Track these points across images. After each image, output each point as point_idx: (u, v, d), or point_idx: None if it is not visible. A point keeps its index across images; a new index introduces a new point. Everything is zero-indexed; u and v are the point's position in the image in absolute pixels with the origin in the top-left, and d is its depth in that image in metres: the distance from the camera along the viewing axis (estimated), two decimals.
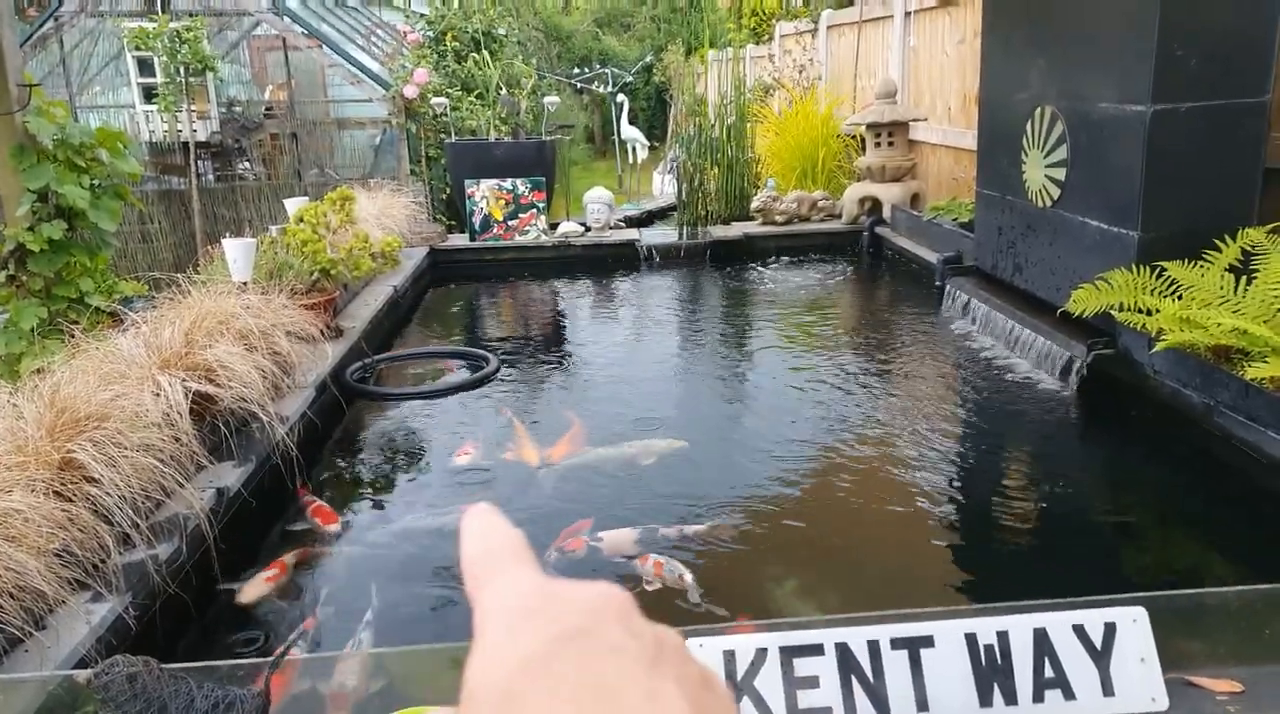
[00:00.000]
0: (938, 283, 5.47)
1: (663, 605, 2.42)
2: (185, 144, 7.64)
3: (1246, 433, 3.03)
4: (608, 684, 0.26)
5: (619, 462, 3.39)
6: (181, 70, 7.37)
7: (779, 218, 7.27)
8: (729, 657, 1.44)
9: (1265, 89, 3.59)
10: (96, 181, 3.96)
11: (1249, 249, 3.48)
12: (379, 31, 10.18)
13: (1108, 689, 1.43)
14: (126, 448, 2.41)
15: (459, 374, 4.56)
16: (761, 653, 1.45)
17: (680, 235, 7.18)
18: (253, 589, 2.54)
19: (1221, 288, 3.41)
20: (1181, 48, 3.52)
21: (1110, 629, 1.46)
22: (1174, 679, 1.47)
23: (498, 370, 4.47)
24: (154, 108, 7.58)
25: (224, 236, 4.04)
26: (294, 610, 2.53)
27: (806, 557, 2.81)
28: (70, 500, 2.24)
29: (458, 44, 8.62)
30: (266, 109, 8.39)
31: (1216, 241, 3.55)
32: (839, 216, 7.27)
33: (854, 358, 4.68)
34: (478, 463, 3.43)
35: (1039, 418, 3.83)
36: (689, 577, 2.52)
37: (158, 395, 2.70)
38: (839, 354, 4.75)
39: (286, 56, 8.14)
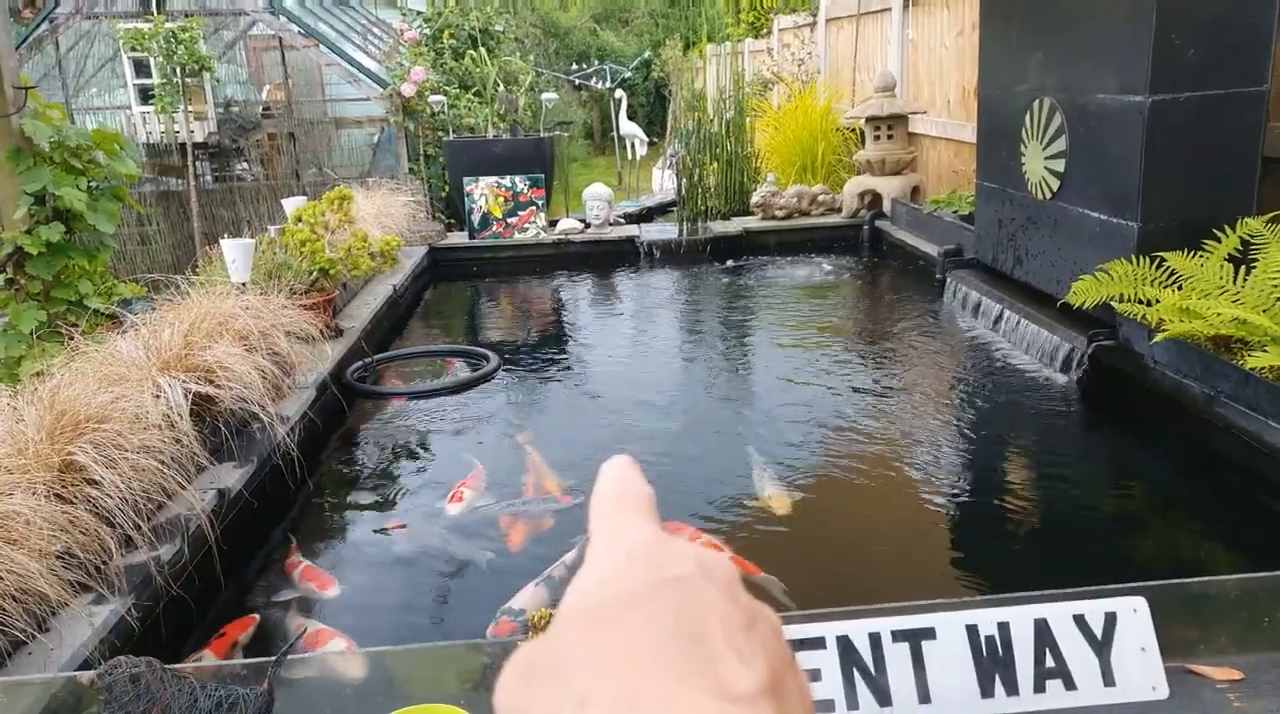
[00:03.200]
0: (938, 276, 5.46)
1: None
2: (183, 145, 7.62)
3: (1247, 422, 3.03)
4: (695, 628, 0.27)
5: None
6: (178, 71, 7.35)
7: (779, 212, 7.26)
8: None
9: (1264, 78, 3.58)
10: (94, 183, 3.95)
11: (1248, 239, 3.48)
12: (376, 30, 10.16)
13: (1108, 679, 1.43)
14: (127, 450, 2.42)
15: (460, 372, 4.56)
16: None
17: (680, 231, 7.16)
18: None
19: (1221, 278, 3.41)
20: (1179, 37, 3.51)
21: (1111, 619, 1.46)
22: (1174, 668, 1.47)
23: (498, 368, 4.47)
24: (151, 109, 7.56)
25: (222, 237, 4.04)
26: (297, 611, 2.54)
27: (805, 548, 2.81)
28: (71, 503, 2.24)
29: (455, 41, 8.61)
30: (264, 109, 8.37)
31: (1216, 231, 3.54)
32: (839, 210, 7.26)
33: (856, 353, 4.67)
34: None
35: (1040, 409, 3.82)
36: None
37: (158, 397, 2.70)
38: (840, 350, 4.75)
39: (283, 56, 8.12)
